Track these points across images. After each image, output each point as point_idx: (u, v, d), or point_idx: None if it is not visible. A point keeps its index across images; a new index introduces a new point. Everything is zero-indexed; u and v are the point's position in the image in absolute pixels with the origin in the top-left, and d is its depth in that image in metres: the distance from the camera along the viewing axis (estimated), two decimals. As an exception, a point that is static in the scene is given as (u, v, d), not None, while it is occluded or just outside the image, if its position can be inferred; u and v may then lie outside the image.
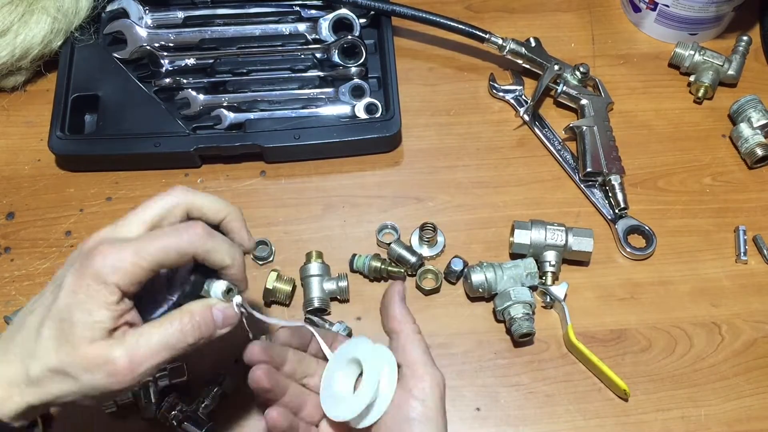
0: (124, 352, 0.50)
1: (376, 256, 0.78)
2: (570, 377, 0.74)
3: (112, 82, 0.87)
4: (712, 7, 0.89)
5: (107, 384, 0.50)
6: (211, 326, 0.54)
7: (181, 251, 0.52)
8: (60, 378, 0.51)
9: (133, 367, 0.50)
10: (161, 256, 0.52)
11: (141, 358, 0.51)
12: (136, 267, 0.51)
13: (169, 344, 0.52)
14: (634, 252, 0.80)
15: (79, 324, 0.50)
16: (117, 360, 0.50)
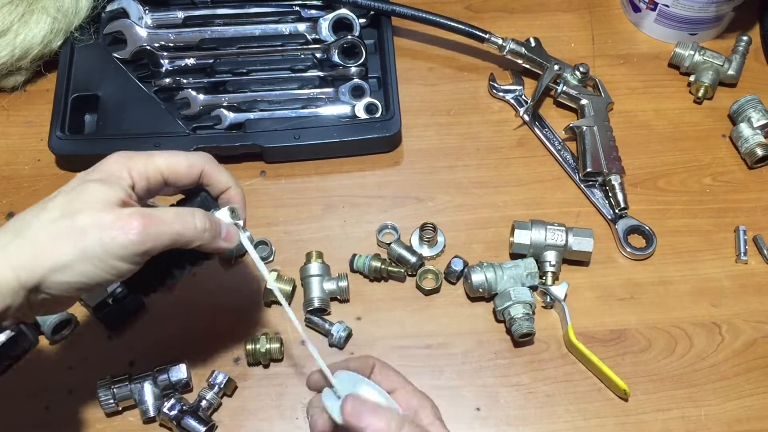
0: (138, 211, 0.52)
1: (376, 256, 0.78)
2: (570, 377, 0.74)
3: (112, 82, 0.87)
4: (712, 7, 0.89)
5: (116, 238, 0.50)
6: (217, 229, 0.57)
7: (190, 163, 0.58)
8: (65, 233, 0.50)
9: (146, 223, 0.51)
10: (172, 161, 0.57)
11: (155, 220, 0.52)
12: (150, 164, 0.56)
13: (182, 220, 0.54)
14: (634, 252, 0.80)
15: (92, 190, 0.52)
16: (131, 215, 0.51)
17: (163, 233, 0.52)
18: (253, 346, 0.73)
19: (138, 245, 0.51)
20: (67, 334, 0.75)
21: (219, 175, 0.59)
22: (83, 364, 0.74)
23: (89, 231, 0.50)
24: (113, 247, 0.50)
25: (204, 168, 0.59)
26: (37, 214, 0.52)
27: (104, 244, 0.50)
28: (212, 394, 0.70)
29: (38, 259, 0.50)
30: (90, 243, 0.50)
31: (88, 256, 0.50)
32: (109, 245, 0.50)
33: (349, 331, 0.75)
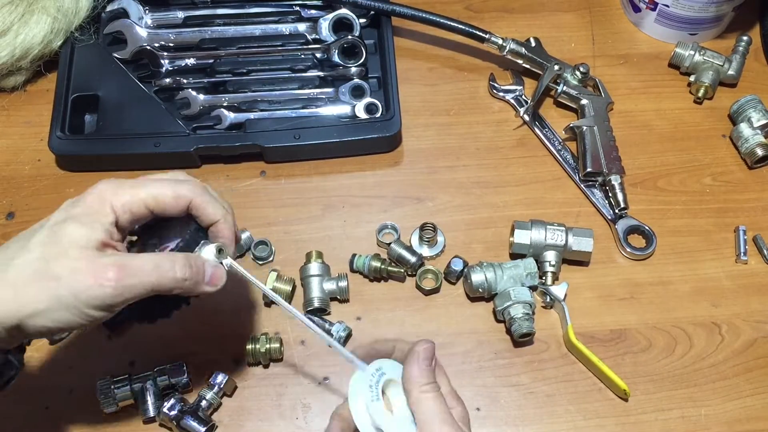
0: (114, 261, 0.51)
1: (376, 256, 0.78)
2: (570, 377, 0.74)
3: (112, 82, 0.87)
4: (712, 7, 0.89)
5: (90, 289, 0.49)
6: (201, 274, 0.55)
7: (177, 194, 0.56)
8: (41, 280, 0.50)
9: (120, 276, 0.50)
10: (157, 193, 0.55)
11: (130, 271, 0.51)
12: (134, 196, 0.54)
13: (160, 270, 0.52)
14: (634, 252, 0.80)
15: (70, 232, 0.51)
16: (107, 266, 0.50)
17: (137, 285, 0.51)
18: (253, 346, 0.73)
19: (112, 297, 0.50)
20: (66, 335, 0.75)
21: (207, 207, 0.57)
22: (83, 364, 0.74)
23: (64, 279, 0.50)
24: (87, 297, 0.50)
25: (192, 200, 0.57)
26: (19, 252, 0.52)
27: (77, 294, 0.50)
28: (212, 394, 0.70)
29: (15, 303, 0.50)
30: (64, 292, 0.50)
31: (63, 304, 0.50)
32: (82, 295, 0.50)
33: (349, 331, 0.75)
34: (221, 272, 0.57)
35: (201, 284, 0.55)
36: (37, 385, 0.73)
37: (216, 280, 0.57)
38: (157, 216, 0.57)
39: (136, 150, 0.83)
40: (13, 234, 0.80)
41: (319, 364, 0.74)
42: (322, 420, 0.71)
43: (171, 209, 0.56)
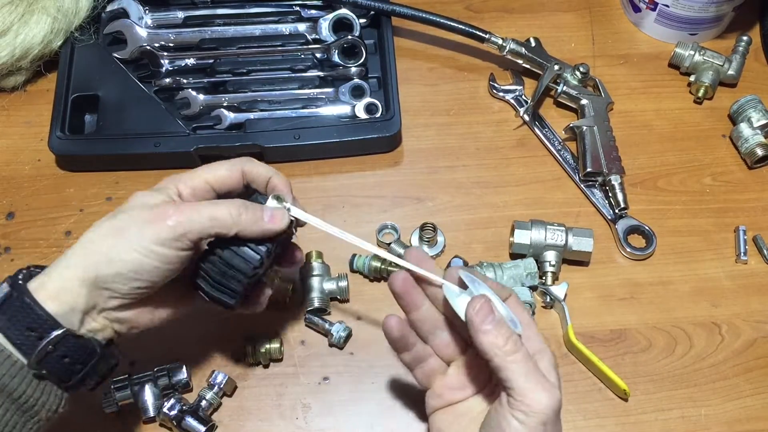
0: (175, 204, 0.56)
1: (376, 256, 0.78)
2: (570, 377, 0.74)
3: (112, 82, 0.87)
4: (712, 7, 0.89)
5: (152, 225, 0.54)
6: (257, 213, 0.57)
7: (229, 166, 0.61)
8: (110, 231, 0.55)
9: (179, 211, 0.54)
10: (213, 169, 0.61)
11: (186, 207, 0.55)
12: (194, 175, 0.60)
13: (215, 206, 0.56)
14: (634, 252, 0.80)
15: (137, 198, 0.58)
16: (166, 206, 0.55)
17: (195, 218, 0.55)
18: (253, 346, 0.73)
19: (173, 229, 0.54)
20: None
21: (258, 167, 0.62)
22: (83, 364, 0.74)
23: (131, 224, 0.55)
24: (151, 233, 0.54)
25: (243, 167, 0.62)
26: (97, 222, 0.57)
27: (142, 232, 0.54)
28: (212, 394, 0.70)
29: (89, 255, 0.54)
30: (131, 234, 0.54)
31: (132, 245, 0.54)
32: (146, 232, 0.54)
33: (349, 331, 0.75)
34: (281, 212, 0.59)
35: (260, 222, 0.57)
36: (37, 385, 0.73)
37: (275, 219, 0.58)
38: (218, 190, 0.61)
39: (136, 150, 0.83)
40: (13, 234, 0.81)
41: (319, 364, 0.74)
42: (322, 420, 0.71)
43: (228, 180, 0.61)
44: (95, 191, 0.84)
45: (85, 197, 0.84)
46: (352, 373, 0.74)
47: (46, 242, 0.81)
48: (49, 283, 0.54)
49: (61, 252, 0.78)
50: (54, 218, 0.82)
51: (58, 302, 0.53)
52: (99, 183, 0.84)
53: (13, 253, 0.80)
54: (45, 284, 0.54)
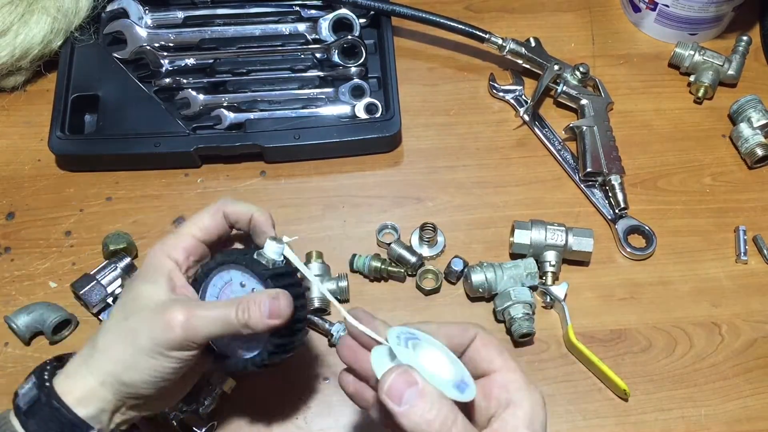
0: (182, 308, 0.55)
1: (376, 256, 0.78)
2: (570, 377, 0.74)
3: (112, 82, 0.87)
4: (712, 7, 0.89)
5: (164, 333, 0.54)
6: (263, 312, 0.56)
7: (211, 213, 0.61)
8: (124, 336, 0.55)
9: (188, 318, 0.54)
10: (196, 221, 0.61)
11: (197, 319, 0.54)
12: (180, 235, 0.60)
13: (220, 312, 0.55)
14: (634, 252, 0.80)
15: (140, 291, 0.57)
16: (174, 313, 0.54)
17: (204, 324, 0.55)
18: (253, 346, 0.73)
19: (184, 338, 0.54)
20: (67, 334, 0.75)
21: (238, 207, 0.62)
22: (83, 364, 0.74)
23: (141, 330, 0.55)
24: (163, 340, 0.54)
25: (224, 209, 0.62)
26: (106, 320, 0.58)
27: (154, 339, 0.54)
28: (212, 395, 0.70)
29: (108, 363, 0.55)
30: (143, 341, 0.54)
31: (145, 350, 0.54)
32: (158, 340, 0.54)
33: (349, 331, 0.75)
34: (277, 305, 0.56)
35: (263, 319, 0.56)
36: (37, 385, 0.73)
37: (276, 312, 0.56)
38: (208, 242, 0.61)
39: (136, 150, 0.83)
40: (13, 234, 0.81)
41: (319, 364, 0.74)
42: (322, 420, 0.71)
43: (213, 228, 0.61)
44: (95, 191, 0.84)
45: (85, 197, 0.84)
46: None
47: (46, 242, 0.81)
48: (75, 388, 0.55)
49: (62, 252, 0.79)
50: (54, 218, 0.82)
51: (87, 407, 0.54)
52: (99, 183, 0.84)
53: (13, 253, 0.80)
54: (72, 389, 0.55)
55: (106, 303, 0.75)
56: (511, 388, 0.50)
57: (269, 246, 0.59)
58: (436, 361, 0.49)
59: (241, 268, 0.59)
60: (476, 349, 0.52)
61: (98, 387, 0.55)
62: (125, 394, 0.55)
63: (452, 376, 0.49)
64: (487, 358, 0.52)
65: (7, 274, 0.79)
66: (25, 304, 0.75)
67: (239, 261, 0.59)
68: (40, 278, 0.79)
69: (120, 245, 0.77)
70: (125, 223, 0.82)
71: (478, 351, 0.52)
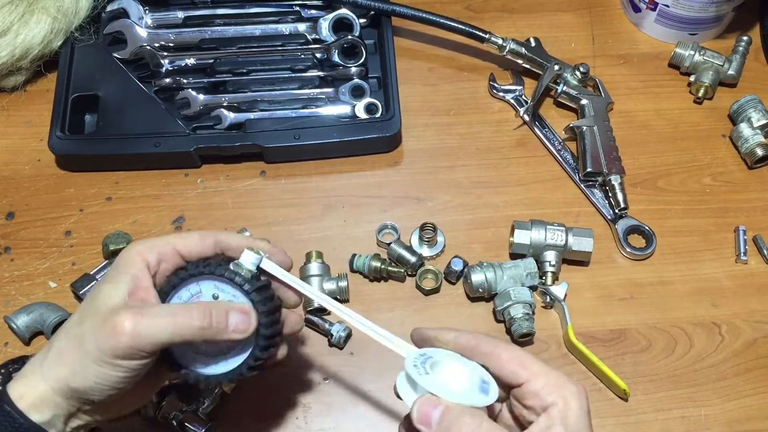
0: (130, 314, 0.52)
1: (376, 256, 0.78)
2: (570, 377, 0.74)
3: (112, 82, 0.87)
4: (712, 7, 0.89)
5: (109, 341, 0.51)
6: (222, 321, 0.54)
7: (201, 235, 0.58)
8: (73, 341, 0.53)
9: (135, 325, 0.51)
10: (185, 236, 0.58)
11: (145, 327, 0.51)
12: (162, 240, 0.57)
13: (176, 318, 0.53)
14: (634, 252, 0.80)
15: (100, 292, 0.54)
16: (124, 318, 0.51)
17: (153, 333, 0.52)
18: (253, 346, 0.73)
19: (129, 346, 0.51)
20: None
21: (233, 238, 0.59)
22: (83, 364, 0.74)
23: (88, 336, 0.52)
24: (107, 347, 0.51)
25: (217, 236, 0.58)
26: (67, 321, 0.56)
27: (100, 347, 0.52)
28: (212, 395, 0.70)
29: (59, 367, 0.53)
30: (89, 347, 0.52)
31: (91, 358, 0.52)
32: (103, 345, 0.51)
33: (349, 331, 0.75)
34: (246, 320, 0.55)
35: (225, 332, 0.54)
36: (37, 385, 0.73)
37: (241, 326, 0.54)
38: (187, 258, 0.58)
39: (136, 150, 0.83)
40: (13, 234, 0.81)
41: (319, 364, 0.74)
42: (322, 420, 0.72)
43: (199, 248, 0.58)
44: (95, 191, 0.84)
45: (85, 197, 0.84)
46: (352, 373, 0.74)
47: (46, 242, 0.81)
48: (28, 393, 0.53)
49: (62, 252, 0.79)
50: (54, 218, 0.82)
51: (41, 412, 0.53)
52: (99, 183, 0.84)
53: (13, 253, 0.80)
54: (25, 395, 0.53)
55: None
56: (543, 393, 0.51)
57: (246, 256, 0.56)
58: (455, 375, 0.52)
59: (216, 278, 0.55)
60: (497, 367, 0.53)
61: (50, 392, 0.53)
62: (77, 400, 0.53)
63: (473, 382, 0.51)
64: (511, 374, 0.52)
65: (7, 274, 0.79)
66: (25, 304, 0.75)
67: (214, 272, 0.55)
68: (40, 278, 0.79)
69: (120, 245, 0.77)
70: (125, 223, 0.82)
71: (500, 368, 0.53)
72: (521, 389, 0.52)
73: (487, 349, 0.53)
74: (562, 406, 0.50)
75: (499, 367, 0.53)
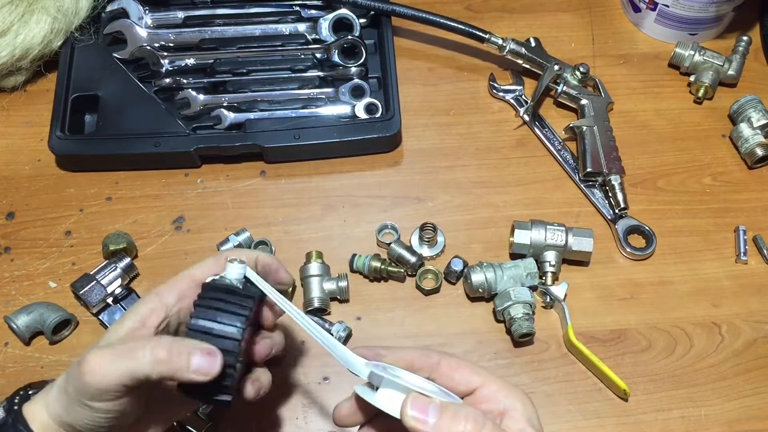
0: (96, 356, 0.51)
1: (376, 256, 0.78)
2: (570, 377, 0.74)
3: (112, 82, 0.87)
4: (712, 7, 0.89)
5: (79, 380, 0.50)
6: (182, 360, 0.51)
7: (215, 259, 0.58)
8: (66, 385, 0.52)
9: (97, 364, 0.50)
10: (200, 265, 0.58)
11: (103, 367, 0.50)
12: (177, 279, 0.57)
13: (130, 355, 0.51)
14: (634, 252, 0.80)
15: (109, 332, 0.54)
16: (88, 360, 0.50)
17: (112, 374, 0.50)
18: (253, 346, 0.73)
19: (94, 387, 0.50)
20: (67, 334, 0.75)
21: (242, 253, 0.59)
22: (83, 364, 0.74)
23: (71, 377, 0.52)
24: (79, 390, 0.51)
25: (226, 254, 0.58)
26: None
27: (75, 388, 0.51)
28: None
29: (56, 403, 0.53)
30: (71, 389, 0.52)
31: (73, 400, 0.51)
32: (77, 389, 0.51)
33: (349, 331, 0.75)
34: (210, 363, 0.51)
35: (183, 371, 0.51)
36: (37, 385, 0.73)
37: (204, 369, 0.51)
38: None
39: (136, 150, 0.83)
40: (13, 234, 0.81)
41: (319, 364, 0.74)
42: (322, 420, 0.71)
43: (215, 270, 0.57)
44: (95, 191, 0.84)
45: (85, 197, 0.84)
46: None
47: (46, 242, 0.81)
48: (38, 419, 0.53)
49: (62, 252, 0.80)
50: (54, 218, 0.82)
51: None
52: (99, 183, 0.84)
53: (13, 253, 0.80)
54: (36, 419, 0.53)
55: (106, 303, 0.75)
56: (499, 396, 0.52)
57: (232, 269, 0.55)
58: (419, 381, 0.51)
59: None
60: (447, 375, 0.53)
61: (52, 422, 0.53)
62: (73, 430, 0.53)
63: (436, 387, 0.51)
64: (464, 380, 0.52)
65: (7, 274, 0.79)
66: (25, 304, 0.75)
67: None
68: (40, 278, 0.79)
69: (120, 245, 0.77)
70: (125, 223, 0.82)
71: (450, 377, 0.53)
72: (474, 395, 0.52)
73: (435, 359, 0.53)
74: (522, 409, 0.51)
75: (449, 376, 0.53)
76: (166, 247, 0.81)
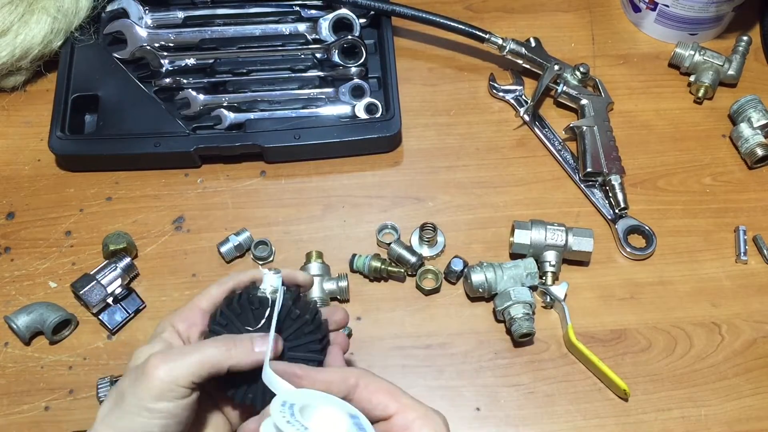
0: (160, 355, 0.52)
1: (376, 256, 0.78)
2: (570, 377, 0.74)
3: (112, 82, 0.87)
4: (712, 7, 0.89)
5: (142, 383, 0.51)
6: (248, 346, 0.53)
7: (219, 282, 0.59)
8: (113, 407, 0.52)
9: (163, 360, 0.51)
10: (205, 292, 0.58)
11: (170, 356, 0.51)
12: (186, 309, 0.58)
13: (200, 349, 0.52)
14: (634, 252, 0.80)
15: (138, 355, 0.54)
16: (152, 361, 0.51)
17: (183, 365, 0.51)
18: (253, 346, 0.73)
19: (163, 382, 0.51)
20: (67, 334, 0.75)
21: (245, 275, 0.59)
22: (83, 364, 0.74)
23: (125, 390, 0.52)
24: (143, 392, 0.51)
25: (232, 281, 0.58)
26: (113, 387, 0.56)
27: (136, 393, 0.51)
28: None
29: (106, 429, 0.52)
30: (128, 398, 0.51)
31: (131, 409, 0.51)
32: (139, 392, 0.51)
33: (349, 331, 0.75)
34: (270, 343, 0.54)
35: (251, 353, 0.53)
36: (37, 386, 0.73)
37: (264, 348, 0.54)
38: None
39: (136, 150, 0.83)
40: (13, 234, 0.81)
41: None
42: (322, 420, 0.71)
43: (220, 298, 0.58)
44: (95, 191, 0.84)
45: (85, 197, 0.84)
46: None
47: (46, 242, 0.81)
48: None
49: (62, 252, 0.80)
50: (54, 218, 0.82)
51: None
52: (99, 183, 0.84)
53: (13, 253, 0.80)
54: None
55: (106, 303, 0.75)
56: (414, 426, 0.51)
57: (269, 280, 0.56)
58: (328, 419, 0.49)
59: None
60: (366, 399, 0.52)
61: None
62: None
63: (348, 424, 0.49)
64: (380, 405, 0.52)
65: (7, 274, 0.79)
66: (25, 304, 0.75)
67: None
68: (40, 278, 0.79)
69: (120, 245, 0.77)
70: (125, 223, 0.82)
71: (368, 400, 0.52)
72: (390, 422, 0.51)
73: (354, 381, 0.52)
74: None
75: (367, 399, 0.52)
76: (166, 247, 0.81)
